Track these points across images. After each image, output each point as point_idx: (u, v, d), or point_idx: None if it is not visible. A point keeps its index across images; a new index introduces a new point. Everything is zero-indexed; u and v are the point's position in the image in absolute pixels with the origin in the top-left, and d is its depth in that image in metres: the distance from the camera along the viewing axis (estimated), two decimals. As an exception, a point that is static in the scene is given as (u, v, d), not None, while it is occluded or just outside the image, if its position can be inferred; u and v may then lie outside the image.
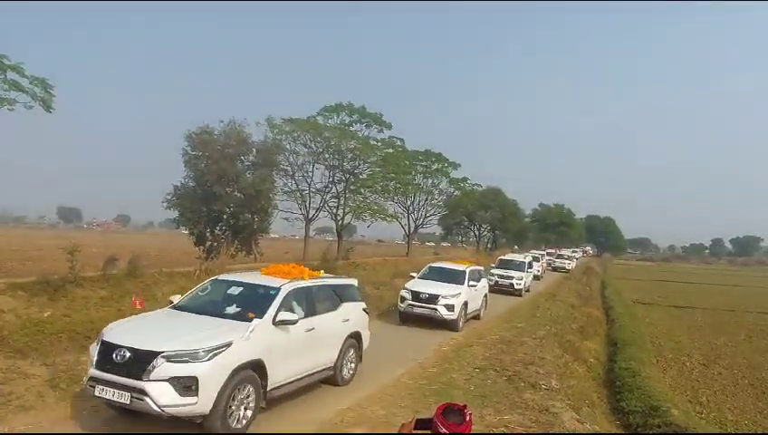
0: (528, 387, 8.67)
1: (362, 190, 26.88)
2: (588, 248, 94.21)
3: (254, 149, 18.85)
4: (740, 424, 9.74)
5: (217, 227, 18.23)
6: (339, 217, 26.07)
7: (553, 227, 66.05)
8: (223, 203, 17.23)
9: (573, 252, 57.60)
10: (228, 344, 5.75)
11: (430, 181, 37.69)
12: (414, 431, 2.54)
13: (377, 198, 28.91)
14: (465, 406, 2.46)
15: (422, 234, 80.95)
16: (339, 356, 7.99)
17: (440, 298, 13.37)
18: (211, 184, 16.75)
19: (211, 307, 6.93)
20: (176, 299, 7.15)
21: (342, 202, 25.81)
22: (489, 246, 50.88)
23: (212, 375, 5.53)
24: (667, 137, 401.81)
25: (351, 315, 8.46)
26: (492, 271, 23.37)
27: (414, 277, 15.27)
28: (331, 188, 25.02)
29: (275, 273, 7.76)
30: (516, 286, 23.03)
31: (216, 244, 17.81)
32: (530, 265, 26.37)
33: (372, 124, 28.10)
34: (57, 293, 9.88)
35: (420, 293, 13.68)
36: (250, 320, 6.28)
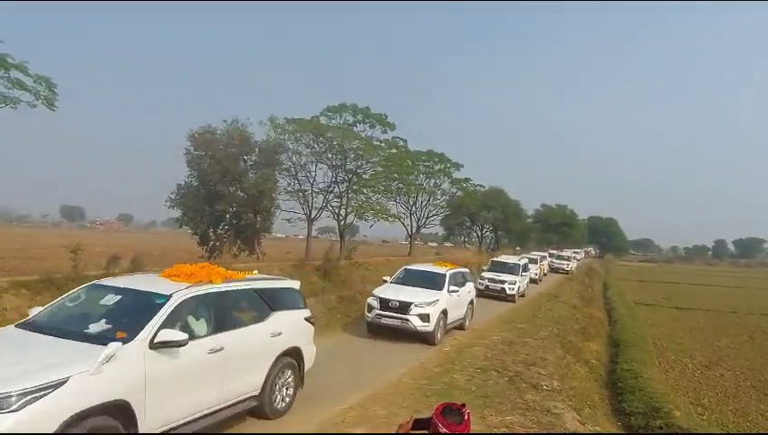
0: (530, 388, 8.67)
1: (365, 190, 26.88)
2: (590, 249, 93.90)
3: (257, 149, 18.91)
4: (741, 426, 9.72)
5: (220, 227, 18.29)
6: (341, 217, 26.09)
7: (556, 227, 65.91)
8: (226, 202, 17.28)
9: (575, 253, 57.35)
10: (61, 382, 4.05)
11: (433, 181, 37.73)
12: (412, 431, 2.53)
13: (379, 198, 28.93)
14: (463, 405, 2.45)
15: (425, 234, 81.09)
16: (267, 381, 6.37)
17: (413, 307, 11.58)
18: (214, 183, 16.81)
19: (72, 324, 5.23)
20: (33, 312, 5.57)
21: (345, 202, 25.83)
22: (492, 246, 50.85)
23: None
24: (670, 138, 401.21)
25: (287, 327, 6.73)
26: (482, 274, 21.92)
27: (386, 281, 13.32)
28: (334, 187, 25.04)
29: (179, 275, 5.98)
30: (509, 291, 20.98)
31: (218, 243, 17.86)
32: (525, 269, 24.04)
33: (376, 125, 28.12)
34: (60, 291, 9.89)
35: (390, 300, 11.78)
36: (117, 341, 4.61)
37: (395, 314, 11.62)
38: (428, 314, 11.53)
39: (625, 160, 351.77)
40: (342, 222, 26.24)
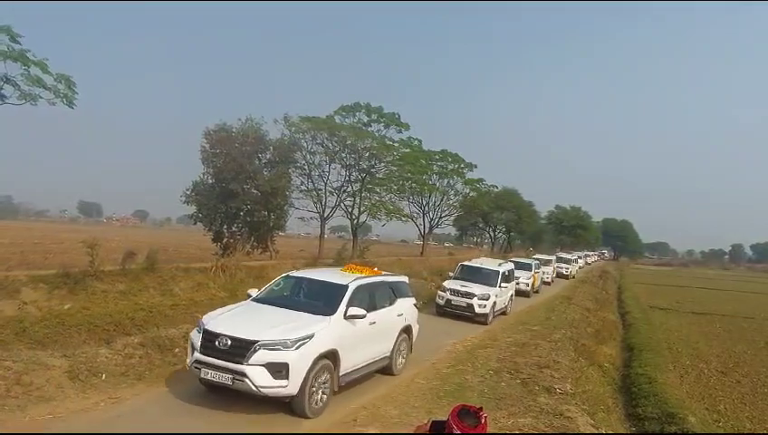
0: (542, 391, 8.61)
1: (378, 190, 26.88)
2: (604, 252, 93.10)
3: (272, 147, 18.98)
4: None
5: (234, 224, 18.39)
6: (354, 217, 26.12)
7: (570, 229, 65.37)
8: (240, 200, 17.37)
9: (586, 255, 56.41)
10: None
11: (446, 181, 37.60)
12: (428, 433, 2.52)
13: (392, 198, 28.92)
14: (480, 408, 2.43)
15: (439, 235, 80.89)
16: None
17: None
18: (228, 181, 16.90)
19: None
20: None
21: (358, 201, 25.86)
22: (505, 247, 50.56)
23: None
24: (688, 139, 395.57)
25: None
26: (444, 284, 16.38)
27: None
28: (347, 187, 25.07)
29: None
30: (478, 309, 15.14)
31: (232, 240, 17.97)
32: (507, 277, 17.58)
33: (390, 124, 28.12)
34: (77, 286, 10.08)
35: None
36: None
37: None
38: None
39: (641, 162, 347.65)
40: (355, 221, 26.27)
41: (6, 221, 71.97)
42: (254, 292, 8.18)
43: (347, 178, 24.87)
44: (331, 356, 6.87)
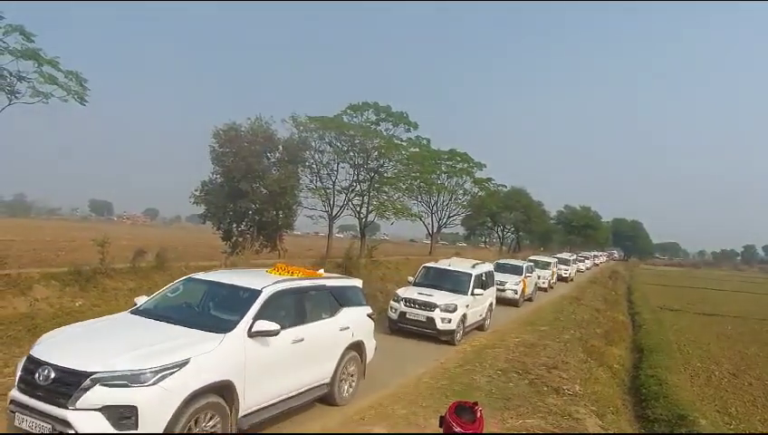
0: (551, 391, 8.58)
1: (386, 189, 26.89)
2: (614, 252, 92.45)
3: (281, 146, 19.04)
4: (771, 437, 9.44)
5: (243, 223, 18.48)
6: (362, 216, 26.15)
7: (579, 229, 64.99)
8: (249, 199, 17.44)
9: (595, 256, 55.78)
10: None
11: (455, 181, 37.49)
12: (426, 432, 2.57)
13: (400, 197, 28.91)
14: (475, 403, 2.47)
15: (449, 234, 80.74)
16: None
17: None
18: (238, 180, 16.97)
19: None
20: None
21: (366, 200, 25.88)
22: (513, 247, 50.38)
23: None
24: (699, 141, 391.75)
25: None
26: (399, 292, 12.73)
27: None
28: (356, 186, 25.10)
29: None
30: (441, 325, 11.75)
31: (241, 239, 18.06)
32: (483, 283, 13.81)
33: (399, 124, 28.11)
34: (88, 283, 10.17)
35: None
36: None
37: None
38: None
39: (651, 162, 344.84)
40: (363, 220, 26.30)
41: (19, 219, 72.93)
42: (141, 300, 6.19)
43: (355, 178, 24.92)
44: (224, 390, 5.03)
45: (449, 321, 11.79)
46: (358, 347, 7.45)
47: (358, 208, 25.98)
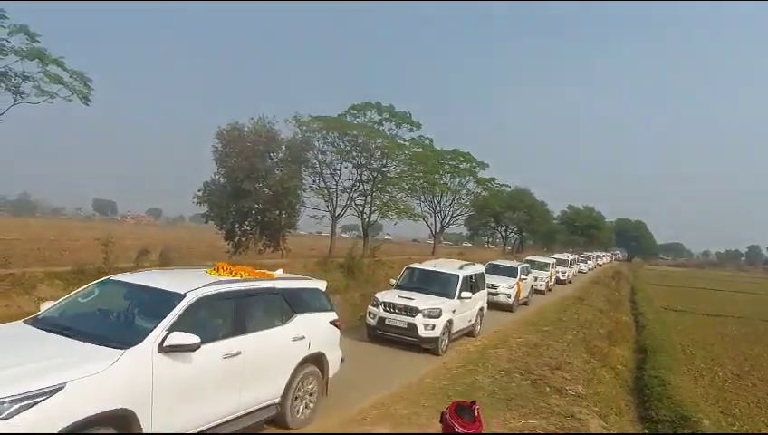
0: (554, 392, 8.57)
1: (389, 189, 26.92)
2: (617, 252, 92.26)
3: (284, 146, 19.09)
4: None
5: (246, 223, 18.54)
6: (365, 216, 26.18)
7: (582, 229, 64.92)
8: (251, 199, 17.49)
9: (598, 256, 55.62)
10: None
11: (458, 181, 37.53)
12: (427, 432, 2.58)
13: (403, 197, 28.95)
14: (473, 402, 2.47)
15: (452, 234, 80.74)
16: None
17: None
18: (240, 180, 17.02)
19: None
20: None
21: (369, 200, 25.91)
22: (516, 247, 50.36)
23: None
24: (703, 141, 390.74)
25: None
26: (378, 296, 11.47)
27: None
28: (359, 186, 25.14)
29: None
30: (423, 332, 10.57)
31: (244, 239, 18.11)
32: (472, 286, 12.63)
33: (402, 123, 28.13)
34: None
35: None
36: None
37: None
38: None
39: (655, 162, 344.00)
40: (366, 220, 26.32)
41: (24, 218, 73.24)
42: (46, 306, 5.17)
43: (358, 178, 24.95)
44: (119, 422, 3.97)
45: (433, 327, 10.61)
46: (317, 360, 6.38)
47: (361, 208, 26.04)
